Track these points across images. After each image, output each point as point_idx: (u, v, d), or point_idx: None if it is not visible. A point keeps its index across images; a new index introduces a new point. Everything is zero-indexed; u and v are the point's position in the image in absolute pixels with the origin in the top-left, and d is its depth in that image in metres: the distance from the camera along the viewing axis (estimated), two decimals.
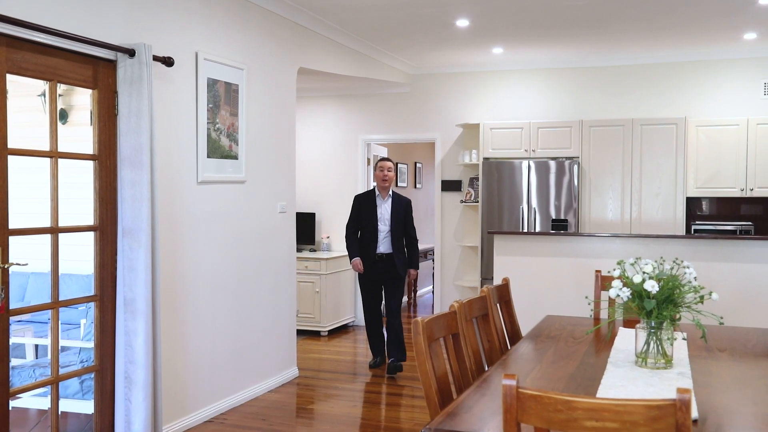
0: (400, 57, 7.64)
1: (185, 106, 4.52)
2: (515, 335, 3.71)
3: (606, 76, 7.53)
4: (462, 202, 7.95)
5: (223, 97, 4.86)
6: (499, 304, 3.60)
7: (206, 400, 4.77)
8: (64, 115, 5.75)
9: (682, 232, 6.87)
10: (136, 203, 3.88)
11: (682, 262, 2.78)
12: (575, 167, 7.08)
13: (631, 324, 3.56)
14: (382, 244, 6.11)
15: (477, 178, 7.77)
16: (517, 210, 7.27)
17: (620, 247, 5.22)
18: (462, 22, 6.06)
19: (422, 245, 8.53)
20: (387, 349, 6.27)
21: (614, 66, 7.49)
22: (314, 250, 8.08)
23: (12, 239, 3.36)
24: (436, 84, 8.14)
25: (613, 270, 2.86)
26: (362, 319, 7.57)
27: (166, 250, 4.31)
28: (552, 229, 7.09)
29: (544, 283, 5.37)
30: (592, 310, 3.70)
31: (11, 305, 3.43)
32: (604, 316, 3.99)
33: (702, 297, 2.72)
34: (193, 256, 4.63)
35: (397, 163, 9.54)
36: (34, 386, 3.80)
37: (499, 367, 2.84)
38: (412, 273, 6.32)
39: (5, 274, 3.32)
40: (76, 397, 4.40)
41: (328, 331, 7.74)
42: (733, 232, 6.80)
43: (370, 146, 8.48)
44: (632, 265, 2.83)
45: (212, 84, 4.74)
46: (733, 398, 2.39)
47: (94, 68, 3.83)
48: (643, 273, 2.74)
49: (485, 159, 7.49)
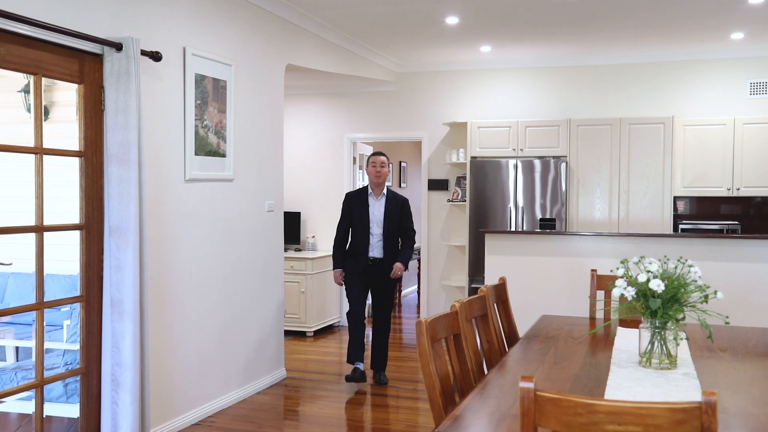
0: (387, 55, 7.57)
1: (173, 103, 4.42)
2: (512, 335, 3.65)
3: (594, 75, 7.52)
4: (449, 201, 7.90)
5: (211, 94, 4.76)
6: (496, 304, 3.55)
7: (194, 403, 4.67)
8: (45, 112, 5.62)
9: (670, 232, 6.87)
10: (123, 201, 3.78)
11: (687, 260, 2.74)
12: (563, 166, 7.06)
13: (626, 324, 3.53)
14: (375, 249, 5.56)
15: (464, 177, 7.72)
16: (505, 209, 7.24)
17: (612, 246, 5.19)
18: (452, 20, 6.01)
19: None
20: (371, 357, 5.74)
21: (602, 65, 7.48)
22: (299, 250, 7.99)
23: None
24: (424, 82, 8.09)
25: (617, 269, 2.81)
26: None
27: (153, 249, 4.20)
28: (539, 229, 7.06)
29: (536, 283, 5.33)
30: (599, 310, 3.65)
31: None
32: (600, 315, 3.95)
33: (706, 296, 2.69)
34: (181, 256, 4.53)
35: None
36: (19, 390, 3.69)
37: (501, 369, 2.78)
38: (398, 267, 5.56)
39: None
40: (60, 401, 4.28)
41: (314, 332, 7.65)
42: (720, 232, 6.81)
43: (356, 145, 8.41)
44: (636, 263, 2.78)
45: (200, 80, 4.64)
46: (743, 399, 2.35)
47: (80, 62, 3.72)
48: (648, 272, 2.70)
49: (473, 158, 7.44)
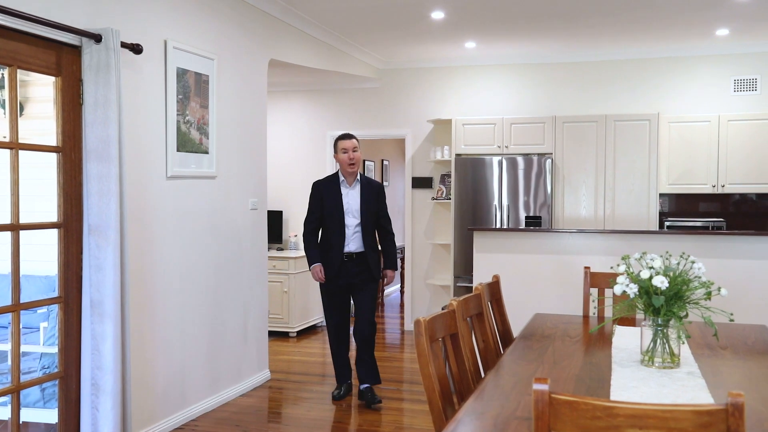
0: (371, 51, 7.47)
1: (154, 97, 4.28)
2: (506, 334, 3.57)
3: (579, 72, 7.47)
4: (433, 199, 7.81)
5: (193, 88, 4.63)
6: (490, 303, 3.46)
7: (177, 406, 4.53)
8: (20, 109, 5.43)
9: (656, 229, 6.84)
10: (103, 198, 3.64)
11: (689, 256, 2.67)
12: (548, 163, 7.00)
13: (621, 321, 3.47)
14: (352, 242, 5.00)
15: (449, 175, 7.64)
16: (490, 207, 7.16)
17: (602, 243, 5.13)
18: (437, 14, 5.92)
19: None
20: (356, 370, 5.16)
21: (588, 62, 7.44)
22: (282, 249, 7.87)
23: None
24: (407, 79, 7.99)
25: (617, 266, 2.74)
26: None
27: (134, 248, 4.07)
28: (526, 226, 6.99)
29: (526, 280, 5.25)
30: (596, 308, 3.58)
31: None
32: (593, 313, 3.88)
33: (710, 293, 2.62)
34: (163, 255, 4.39)
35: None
36: None
37: (500, 370, 2.69)
38: (389, 274, 5.18)
39: None
40: (38, 406, 4.14)
41: (297, 332, 7.53)
42: (706, 228, 6.80)
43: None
44: (638, 260, 2.71)
45: (182, 74, 4.50)
46: (753, 399, 2.27)
47: (58, 54, 3.57)
48: (650, 268, 2.62)
49: (457, 155, 7.35)
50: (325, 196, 5.05)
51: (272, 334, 7.28)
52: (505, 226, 7.08)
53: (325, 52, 6.74)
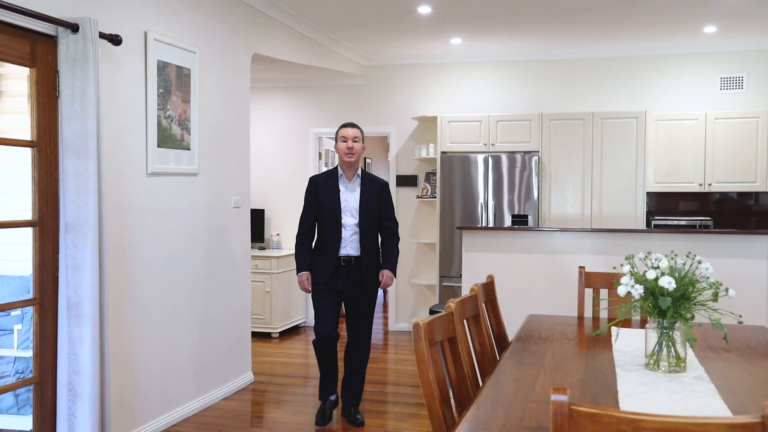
0: (355, 47, 7.33)
1: (134, 90, 4.12)
2: (501, 336, 3.46)
3: (566, 69, 7.40)
4: (418, 197, 7.70)
5: (174, 82, 4.47)
6: (485, 304, 3.35)
7: (158, 411, 4.38)
8: None
9: (643, 227, 6.78)
10: (81, 196, 3.48)
11: (695, 256, 2.58)
12: (535, 161, 6.91)
13: (620, 323, 3.37)
14: (349, 245, 4.50)
15: (434, 173, 7.53)
16: (476, 205, 7.06)
17: (592, 242, 5.04)
18: (424, 9, 5.80)
19: None
20: (342, 386, 4.76)
21: (574, 59, 7.36)
22: (264, 248, 7.71)
23: None
24: (391, 76, 7.87)
25: (621, 266, 2.64)
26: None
27: (113, 247, 3.90)
28: (512, 225, 6.90)
29: (516, 280, 5.15)
30: (599, 309, 3.48)
31: None
32: (589, 314, 3.79)
33: (716, 294, 2.52)
34: (143, 255, 4.23)
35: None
36: None
37: (501, 375, 2.57)
38: (386, 274, 4.59)
39: None
40: (11, 413, 3.97)
41: (280, 333, 7.39)
42: (693, 227, 6.75)
43: (322, 140, 8.15)
44: (642, 260, 2.61)
45: (163, 67, 4.34)
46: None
47: (32, 44, 3.40)
48: (656, 269, 2.52)
49: (443, 153, 7.25)
50: (321, 192, 4.55)
51: (254, 335, 7.12)
52: (492, 225, 6.98)
53: (309, 48, 6.60)
